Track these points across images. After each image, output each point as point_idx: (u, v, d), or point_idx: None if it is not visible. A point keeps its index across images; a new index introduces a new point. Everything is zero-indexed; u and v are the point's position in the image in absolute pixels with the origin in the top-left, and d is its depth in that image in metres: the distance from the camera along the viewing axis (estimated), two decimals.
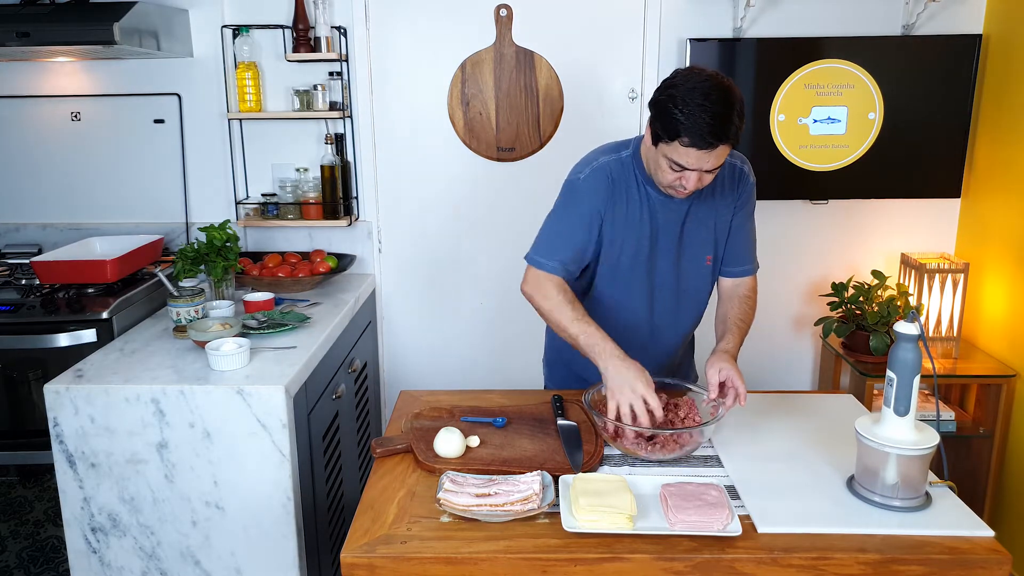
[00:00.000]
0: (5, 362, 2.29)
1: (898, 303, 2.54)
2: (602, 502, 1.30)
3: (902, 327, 1.33)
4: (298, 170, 2.80)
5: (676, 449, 1.53)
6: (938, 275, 2.61)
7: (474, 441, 1.57)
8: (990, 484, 2.53)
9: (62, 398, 1.82)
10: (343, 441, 2.37)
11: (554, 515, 1.34)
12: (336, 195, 2.77)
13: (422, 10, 2.73)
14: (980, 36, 2.59)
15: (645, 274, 1.77)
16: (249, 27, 2.70)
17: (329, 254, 2.74)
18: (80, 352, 2.14)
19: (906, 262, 2.75)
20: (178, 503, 1.87)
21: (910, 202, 2.81)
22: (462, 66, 2.75)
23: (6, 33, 2.29)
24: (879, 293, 2.58)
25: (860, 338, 2.54)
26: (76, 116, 2.83)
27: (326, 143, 2.76)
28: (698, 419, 1.60)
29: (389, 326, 3.01)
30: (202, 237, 2.30)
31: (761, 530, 1.29)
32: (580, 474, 1.42)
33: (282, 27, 2.71)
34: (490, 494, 1.35)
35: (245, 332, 2.09)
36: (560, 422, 1.64)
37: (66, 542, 1.91)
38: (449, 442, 1.51)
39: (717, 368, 1.61)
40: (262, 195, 2.82)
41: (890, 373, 1.34)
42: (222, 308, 2.17)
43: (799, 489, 1.42)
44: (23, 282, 2.49)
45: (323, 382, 2.16)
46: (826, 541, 1.27)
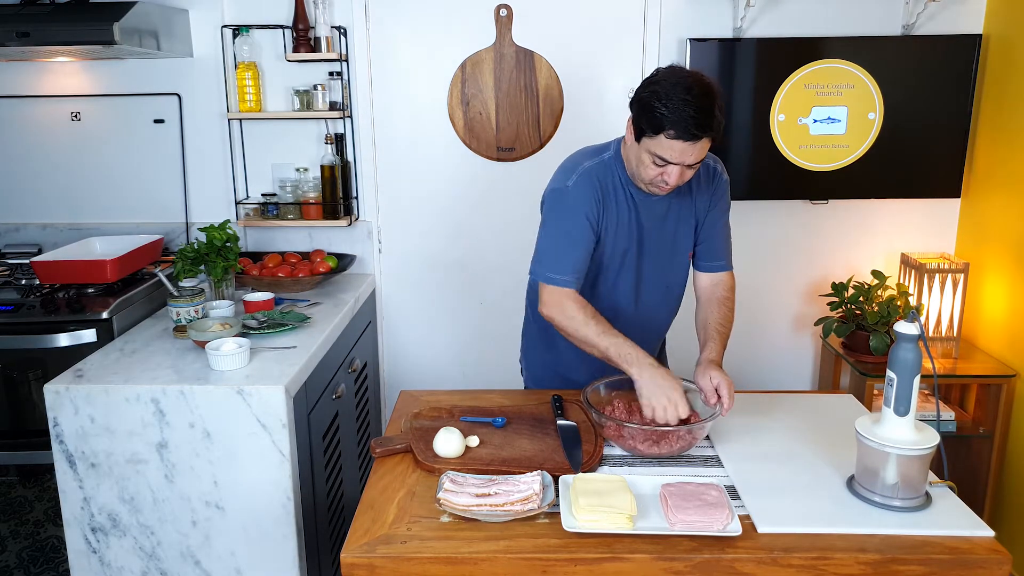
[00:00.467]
0: (5, 362, 2.29)
1: (898, 303, 2.54)
2: (602, 502, 1.30)
3: (902, 327, 1.33)
4: (298, 170, 2.80)
5: (677, 444, 1.53)
6: (938, 275, 2.61)
7: (474, 441, 1.57)
8: (990, 484, 2.53)
9: (62, 398, 1.82)
10: (343, 441, 2.37)
11: (554, 515, 1.34)
12: (336, 195, 2.77)
13: (422, 10, 2.73)
14: (980, 36, 2.59)
15: (632, 272, 1.81)
16: (249, 27, 2.70)
17: (329, 254, 2.74)
18: (80, 352, 2.14)
19: (906, 262, 2.75)
20: (178, 503, 1.87)
21: (910, 202, 2.81)
22: (462, 66, 2.75)
23: (6, 33, 2.29)
24: (879, 293, 2.58)
25: (860, 338, 2.54)
26: (76, 116, 2.83)
27: (326, 143, 2.76)
28: (698, 417, 1.61)
29: (389, 326, 3.01)
30: (202, 237, 2.30)
31: (761, 530, 1.29)
32: (580, 474, 1.42)
33: (282, 27, 2.71)
34: (490, 494, 1.35)
35: (245, 332, 2.09)
36: (560, 422, 1.64)
37: (66, 542, 1.91)
38: (449, 442, 1.51)
39: (708, 376, 1.63)
40: (262, 195, 2.82)
41: (890, 373, 1.34)
42: (222, 308, 2.17)
43: (799, 489, 1.42)
44: (23, 282, 2.49)
45: (323, 382, 2.16)
46: (826, 541, 1.27)
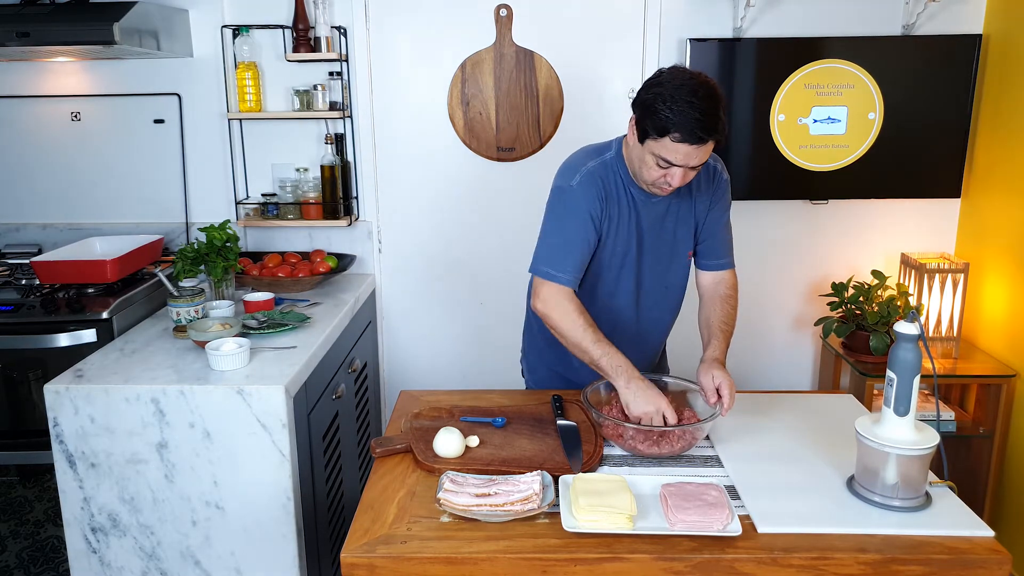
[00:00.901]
0: (5, 362, 2.29)
1: (898, 303, 2.54)
2: (602, 502, 1.30)
3: (902, 327, 1.33)
4: (298, 170, 2.80)
5: (677, 444, 1.53)
6: (938, 275, 2.61)
7: (473, 441, 1.57)
8: (990, 484, 2.53)
9: (62, 398, 1.82)
10: (343, 441, 2.37)
11: (554, 515, 1.34)
12: (336, 195, 2.77)
13: (422, 10, 2.73)
14: (980, 36, 2.59)
15: (632, 272, 1.81)
16: (249, 27, 2.70)
17: (329, 254, 2.74)
18: (80, 352, 2.14)
19: (906, 262, 2.75)
20: (178, 503, 1.87)
21: (910, 202, 2.81)
22: (462, 66, 2.75)
23: (6, 33, 2.29)
24: (879, 293, 2.58)
25: (860, 338, 2.54)
26: (76, 116, 2.83)
27: (326, 143, 2.76)
28: (697, 417, 1.61)
29: (389, 326, 3.01)
30: (202, 237, 2.30)
31: (761, 530, 1.29)
32: (580, 474, 1.42)
33: (282, 27, 2.71)
34: (490, 494, 1.35)
35: (245, 332, 2.09)
36: (560, 422, 1.64)
37: (66, 542, 1.91)
38: (448, 442, 1.51)
39: (711, 375, 1.64)
40: (262, 195, 2.82)
41: (890, 373, 1.34)
42: (222, 308, 2.17)
43: (799, 489, 1.42)
44: (23, 282, 2.49)
45: (323, 382, 2.16)
46: (826, 541, 1.27)
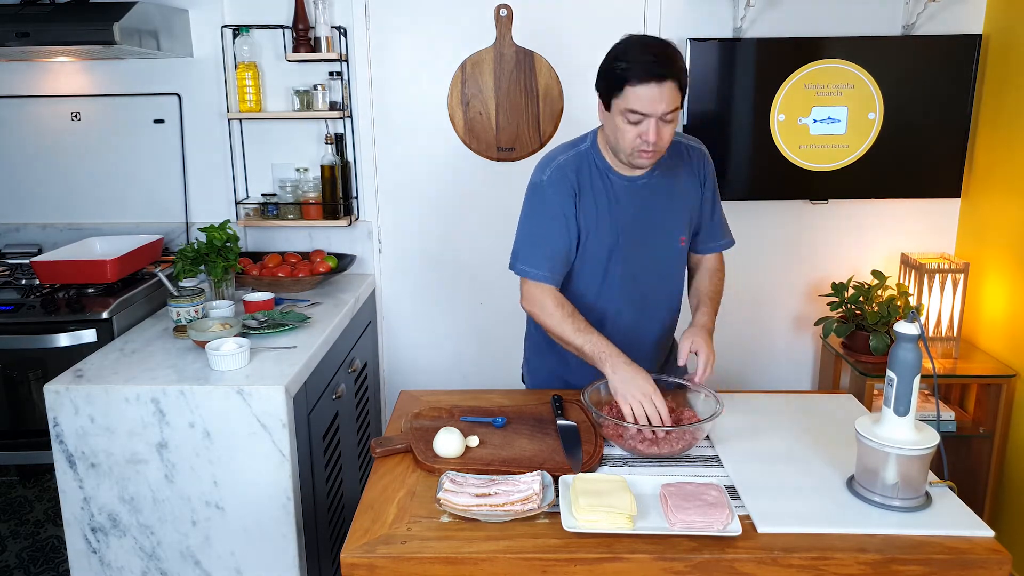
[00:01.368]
0: (5, 362, 2.29)
1: (898, 303, 2.54)
2: (602, 502, 1.30)
3: (902, 327, 1.33)
4: (298, 170, 2.80)
5: (677, 444, 1.53)
6: (938, 275, 2.61)
7: (473, 441, 1.57)
8: (990, 484, 2.53)
9: (62, 398, 1.82)
10: (343, 441, 2.37)
11: (554, 515, 1.34)
12: (336, 195, 2.77)
13: (422, 10, 2.73)
14: (980, 36, 2.59)
15: (621, 261, 1.80)
16: (249, 27, 2.70)
17: (329, 254, 2.74)
18: (80, 352, 2.14)
19: (906, 262, 2.75)
20: (178, 503, 1.87)
21: (910, 202, 2.81)
22: (462, 66, 2.75)
23: (6, 33, 2.29)
24: (879, 293, 2.58)
25: (860, 338, 2.54)
26: (76, 116, 2.83)
27: (326, 143, 2.76)
28: (697, 417, 1.61)
29: (389, 326, 3.01)
30: (202, 237, 2.30)
31: (761, 530, 1.29)
32: (580, 474, 1.42)
33: (282, 27, 2.71)
34: (490, 494, 1.35)
35: (245, 332, 2.09)
36: (560, 422, 1.64)
37: (66, 542, 1.91)
38: (448, 442, 1.51)
39: (690, 340, 1.70)
40: (262, 195, 2.82)
41: (890, 373, 1.34)
42: (222, 308, 2.17)
43: (799, 489, 1.42)
44: (23, 282, 2.49)
45: (323, 382, 2.16)
46: (826, 541, 1.27)
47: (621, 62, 1.58)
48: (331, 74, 2.73)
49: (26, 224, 2.91)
